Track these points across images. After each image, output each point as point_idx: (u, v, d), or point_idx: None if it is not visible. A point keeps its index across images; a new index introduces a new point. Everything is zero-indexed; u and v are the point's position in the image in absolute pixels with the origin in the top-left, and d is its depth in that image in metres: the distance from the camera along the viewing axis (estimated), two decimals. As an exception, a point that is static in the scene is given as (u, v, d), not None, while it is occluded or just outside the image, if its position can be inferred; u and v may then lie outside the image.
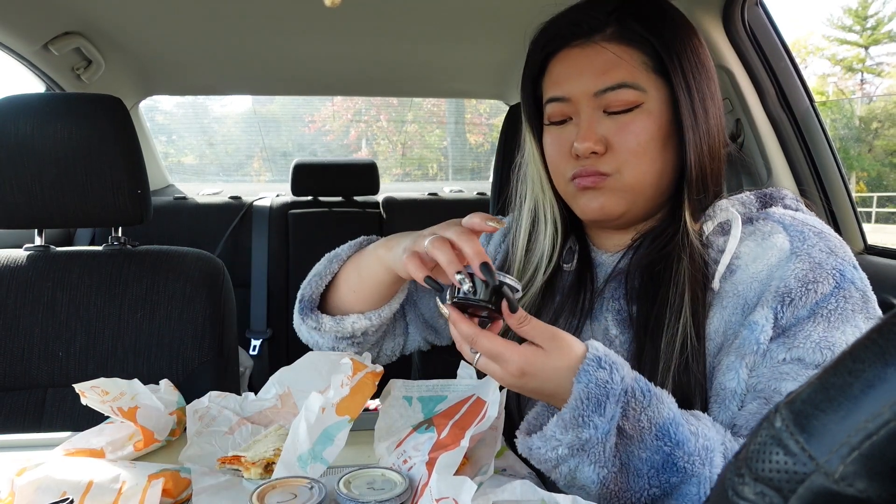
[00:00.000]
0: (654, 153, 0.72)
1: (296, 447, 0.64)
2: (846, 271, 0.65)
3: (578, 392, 0.57)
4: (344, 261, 0.85)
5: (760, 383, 0.65)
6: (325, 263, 0.86)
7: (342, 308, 0.84)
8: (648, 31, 0.72)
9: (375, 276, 0.79)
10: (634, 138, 0.72)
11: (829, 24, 21.46)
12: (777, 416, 0.25)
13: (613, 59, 0.72)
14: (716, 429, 0.62)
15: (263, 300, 2.26)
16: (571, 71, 0.75)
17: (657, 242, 0.74)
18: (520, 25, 0.84)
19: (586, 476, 0.58)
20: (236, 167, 7.58)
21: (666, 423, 0.58)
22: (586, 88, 0.73)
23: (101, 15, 1.62)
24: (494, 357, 0.60)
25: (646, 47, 0.72)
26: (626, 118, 0.72)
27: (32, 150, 1.11)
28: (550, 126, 0.78)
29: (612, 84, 0.72)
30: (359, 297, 0.82)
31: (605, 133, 0.72)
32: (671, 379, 0.68)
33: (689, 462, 0.58)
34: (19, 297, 1.14)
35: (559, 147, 0.77)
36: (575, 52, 0.75)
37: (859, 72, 20.42)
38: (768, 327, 0.65)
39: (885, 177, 17.39)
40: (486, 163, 5.00)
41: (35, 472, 0.62)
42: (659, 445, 0.58)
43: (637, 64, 0.72)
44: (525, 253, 0.84)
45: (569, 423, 0.57)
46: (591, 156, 0.73)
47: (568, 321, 0.78)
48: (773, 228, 0.70)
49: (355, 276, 0.82)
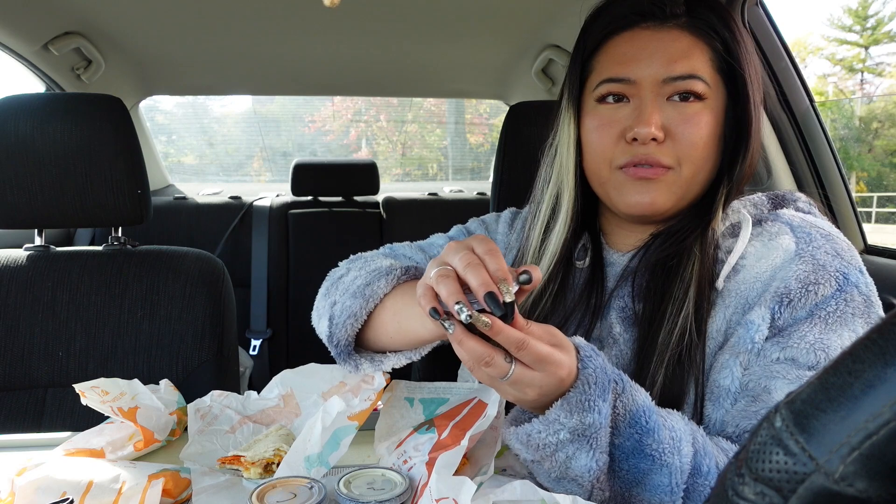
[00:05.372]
0: (710, 150, 0.71)
1: (305, 447, 0.64)
2: (850, 274, 0.65)
3: (586, 377, 0.56)
4: (380, 299, 0.73)
5: (751, 381, 0.65)
6: (360, 301, 0.73)
7: (378, 344, 0.75)
8: (722, 24, 0.71)
9: (417, 336, 0.69)
10: (697, 131, 0.70)
11: (829, 24, 21.48)
12: (777, 416, 0.25)
13: (688, 48, 0.70)
14: (684, 421, 0.61)
15: (263, 300, 2.27)
16: (641, 53, 0.71)
17: (672, 239, 0.74)
18: (520, 25, 0.84)
19: (581, 465, 0.57)
20: (236, 167, 7.58)
21: (639, 411, 0.58)
22: (656, 73, 0.70)
23: (101, 15, 1.62)
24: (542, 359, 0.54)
25: (714, 42, 0.71)
26: (691, 109, 0.70)
27: (32, 150, 1.11)
28: (599, 106, 0.74)
29: (685, 73, 0.69)
30: (397, 343, 0.73)
31: (666, 121, 0.70)
32: (663, 371, 0.67)
33: (657, 450, 0.57)
34: (19, 297, 1.14)
35: (609, 130, 0.73)
36: (646, 33, 0.72)
37: (859, 72, 20.42)
38: (764, 327, 0.65)
39: (885, 177, 17.39)
40: (486, 163, 5.00)
41: (35, 472, 0.62)
42: (630, 433, 0.58)
43: (707, 59, 0.71)
44: (541, 240, 0.81)
45: (574, 407, 0.56)
46: (650, 143, 0.70)
47: (579, 320, 0.77)
48: (781, 229, 0.70)
49: (394, 325, 0.72)
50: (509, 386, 0.56)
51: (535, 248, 0.81)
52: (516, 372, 0.55)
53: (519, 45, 1.91)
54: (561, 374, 0.55)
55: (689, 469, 0.58)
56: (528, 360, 0.54)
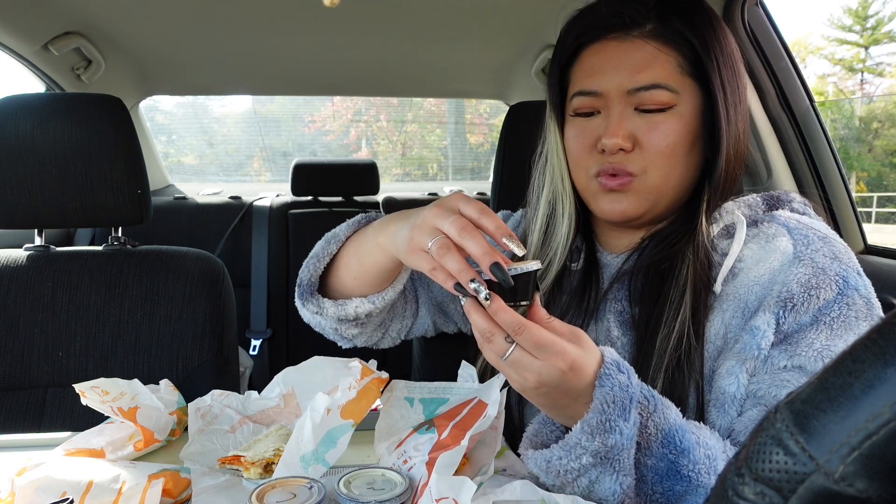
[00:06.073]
0: (680, 156, 0.71)
1: (299, 447, 0.64)
2: (850, 278, 0.65)
3: (603, 396, 0.55)
4: (342, 241, 0.81)
5: (761, 390, 0.64)
6: (323, 245, 0.82)
7: (344, 291, 0.81)
8: (690, 29, 0.71)
9: (376, 263, 0.75)
10: (664, 139, 0.70)
11: (829, 24, 21.47)
12: (777, 417, 0.25)
13: (651, 57, 0.71)
14: (715, 437, 0.61)
15: (263, 300, 2.27)
16: (606, 65, 0.72)
17: (664, 243, 0.74)
18: (520, 25, 0.84)
19: (606, 488, 0.56)
20: (236, 167, 7.57)
21: (672, 430, 0.57)
22: (620, 84, 0.71)
23: (101, 15, 1.62)
24: (542, 346, 0.54)
25: (683, 48, 0.71)
26: (658, 118, 0.71)
27: (32, 150, 1.11)
28: (575, 118, 0.76)
29: (648, 83, 0.70)
30: (360, 282, 0.78)
31: (634, 130, 0.71)
32: (662, 376, 0.67)
33: (693, 471, 0.56)
34: (19, 297, 1.14)
35: (583, 140, 0.75)
36: (612, 45, 0.73)
37: (859, 72, 20.42)
38: (770, 332, 0.64)
39: (885, 177, 17.38)
40: (486, 163, 5.00)
41: (35, 472, 0.62)
42: (664, 453, 0.57)
43: (673, 66, 0.71)
44: (541, 245, 0.82)
45: (595, 429, 0.54)
46: (618, 153, 0.71)
47: (573, 321, 0.77)
48: (778, 231, 0.70)
49: (355, 262, 0.78)
50: (509, 368, 0.56)
51: (535, 253, 0.82)
52: (514, 354, 0.55)
53: (519, 45, 1.91)
54: (561, 367, 0.54)
55: None
56: (526, 344, 0.54)
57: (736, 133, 0.72)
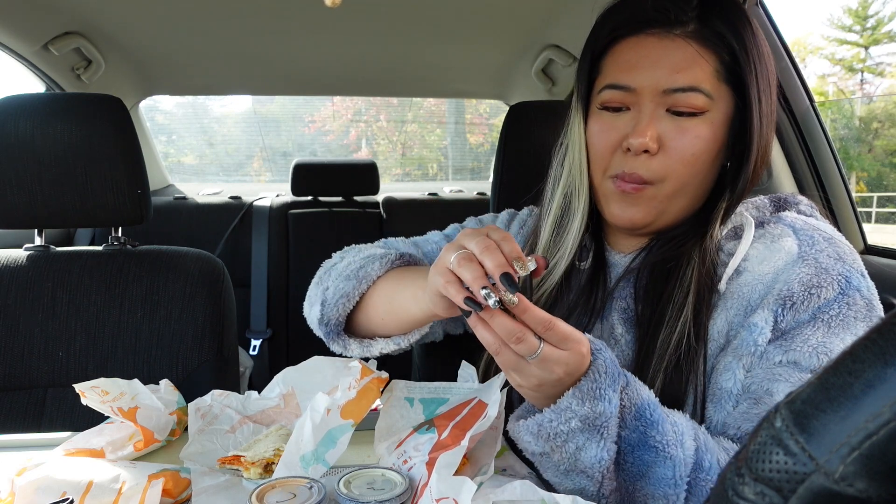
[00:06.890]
0: (702, 165, 0.70)
1: (299, 447, 0.64)
2: (852, 278, 0.65)
3: (597, 366, 0.58)
4: (374, 281, 0.77)
5: (754, 384, 0.65)
6: (353, 283, 0.77)
7: (368, 328, 0.78)
8: (732, 34, 0.68)
9: (410, 316, 0.72)
10: (691, 145, 0.68)
11: (829, 24, 21.48)
12: (777, 416, 0.25)
13: (692, 58, 0.68)
14: (686, 419, 0.62)
15: (263, 300, 2.27)
16: (644, 61, 0.70)
17: (672, 243, 0.74)
18: (520, 25, 0.84)
19: (591, 455, 0.58)
20: (236, 167, 7.57)
21: (643, 405, 0.59)
22: (656, 83, 0.69)
23: (101, 15, 1.62)
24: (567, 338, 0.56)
25: (722, 53, 0.69)
26: (688, 122, 0.69)
27: (32, 150, 1.11)
28: (602, 111, 0.74)
29: (685, 85, 0.68)
30: (387, 322, 0.76)
31: (662, 132, 0.69)
32: (662, 374, 0.68)
33: (661, 442, 0.58)
34: (19, 297, 1.14)
35: (608, 136, 0.73)
36: (651, 40, 0.70)
37: (859, 72, 20.42)
38: (767, 329, 0.65)
39: (885, 177, 17.38)
40: (486, 163, 4.99)
41: (35, 472, 0.62)
42: (636, 425, 0.59)
43: (712, 70, 0.69)
44: (553, 237, 0.80)
45: (586, 395, 0.57)
46: (642, 154, 0.70)
47: (580, 319, 0.77)
48: (783, 232, 0.70)
49: (386, 305, 0.75)
50: (536, 366, 0.57)
51: (546, 246, 0.81)
52: (545, 350, 0.56)
53: (519, 45, 1.91)
54: (583, 351, 0.57)
55: (692, 463, 0.58)
56: (554, 339, 0.56)
57: (766, 143, 0.71)
